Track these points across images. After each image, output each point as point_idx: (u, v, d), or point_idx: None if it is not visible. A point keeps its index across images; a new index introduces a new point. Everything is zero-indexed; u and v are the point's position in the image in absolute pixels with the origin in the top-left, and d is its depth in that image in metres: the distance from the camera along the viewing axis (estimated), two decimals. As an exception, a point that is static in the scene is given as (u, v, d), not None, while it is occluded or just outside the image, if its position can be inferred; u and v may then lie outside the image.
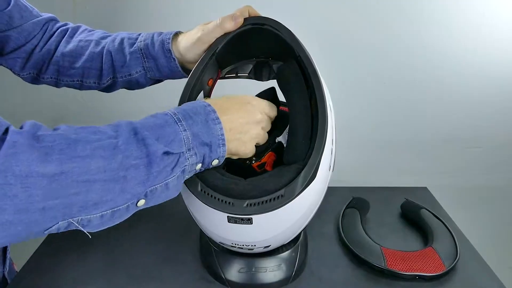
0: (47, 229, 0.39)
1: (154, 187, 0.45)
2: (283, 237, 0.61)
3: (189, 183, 0.54)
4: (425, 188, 1.00)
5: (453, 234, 0.77)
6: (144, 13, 1.06)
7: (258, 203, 0.51)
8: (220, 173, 0.55)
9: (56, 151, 0.38)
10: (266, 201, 0.51)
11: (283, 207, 0.51)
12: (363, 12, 1.05)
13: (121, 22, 1.07)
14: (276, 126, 0.61)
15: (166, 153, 0.45)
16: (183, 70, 0.69)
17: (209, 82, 0.65)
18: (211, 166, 0.52)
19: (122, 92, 0.77)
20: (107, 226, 0.44)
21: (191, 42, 0.64)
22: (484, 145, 1.19)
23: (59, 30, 0.73)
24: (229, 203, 0.52)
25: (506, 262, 1.29)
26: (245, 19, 0.62)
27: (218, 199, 0.53)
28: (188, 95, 0.59)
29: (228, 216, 0.53)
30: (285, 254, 0.66)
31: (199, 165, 0.50)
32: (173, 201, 0.56)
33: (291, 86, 0.59)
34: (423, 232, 0.81)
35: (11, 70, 0.73)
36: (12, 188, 0.36)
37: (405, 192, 0.94)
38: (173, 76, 0.70)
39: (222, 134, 0.50)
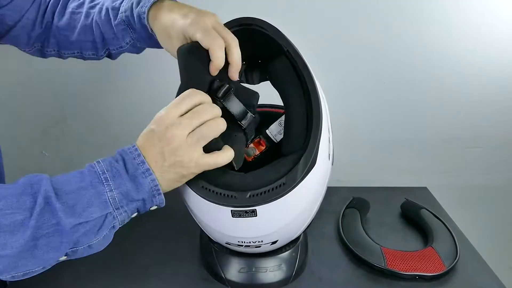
0: None
1: (74, 248, 0.46)
2: (289, 231, 0.60)
3: (190, 182, 0.54)
4: (425, 188, 1.00)
5: (453, 234, 0.77)
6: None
7: (261, 193, 0.51)
8: (220, 169, 0.54)
9: None
10: (268, 191, 0.51)
11: (285, 195, 0.51)
12: (362, 12, 1.05)
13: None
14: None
15: (79, 224, 0.45)
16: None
17: None
18: (149, 211, 0.52)
19: (122, 92, 0.77)
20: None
21: (166, 39, 0.60)
22: (484, 145, 1.19)
23: (52, 0, 0.71)
24: (231, 196, 0.52)
25: (506, 262, 1.29)
26: (232, 20, 0.61)
27: (221, 194, 0.53)
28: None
29: (232, 210, 0.52)
30: (285, 254, 0.66)
31: (135, 214, 0.50)
32: (173, 201, 0.56)
33: (283, 81, 0.60)
34: (423, 232, 0.82)
35: (18, 47, 0.72)
36: None
37: (405, 192, 0.94)
38: (160, 47, 0.66)
39: (155, 185, 0.48)
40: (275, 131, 0.64)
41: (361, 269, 0.71)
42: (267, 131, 0.64)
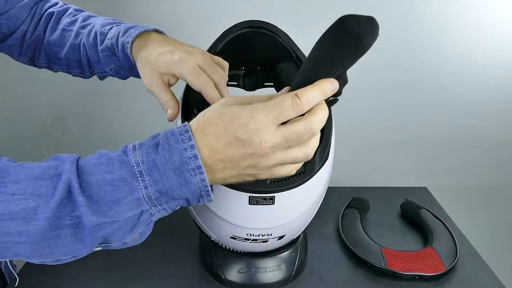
0: None
1: (106, 244, 0.42)
2: (299, 223, 0.61)
3: None
4: (425, 188, 1.00)
5: (453, 234, 0.77)
6: (143, 13, 1.06)
7: (281, 180, 0.51)
8: None
9: None
10: (289, 178, 0.52)
11: (303, 184, 0.52)
12: (362, 12, 1.05)
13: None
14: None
15: (104, 223, 0.39)
16: None
17: None
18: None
19: (122, 92, 0.77)
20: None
21: (146, 70, 0.57)
22: (484, 145, 1.19)
23: (46, 13, 0.71)
24: (251, 181, 0.52)
25: (506, 262, 1.29)
26: (242, 22, 0.62)
27: None
28: (191, 95, 0.59)
29: (250, 197, 0.52)
30: (285, 254, 0.66)
31: (178, 207, 0.43)
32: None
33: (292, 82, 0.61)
34: (423, 232, 0.82)
35: (10, 56, 0.72)
36: None
37: (405, 192, 0.94)
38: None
39: (205, 186, 0.40)
40: None
41: (361, 269, 0.71)
42: None
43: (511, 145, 1.19)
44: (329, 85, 0.40)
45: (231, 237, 0.60)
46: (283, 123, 0.39)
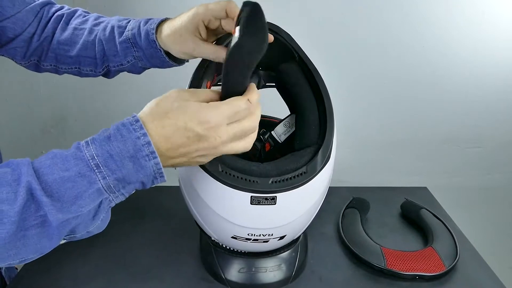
0: None
1: (72, 235, 0.44)
2: (299, 224, 0.61)
3: (208, 166, 0.52)
4: (425, 188, 1.00)
5: (453, 234, 0.77)
6: (143, 14, 1.06)
7: (283, 180, 0.52)
8: (237, 156, 0.55)
9: None
10: (291, 178, 0.52)
11: (305, 184, 0.53)
12: (363, 12, 1.05)
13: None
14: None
15: (67, 220, 0.41)
16: (171, 59, 0.67)
17: (207, 84, 0.65)
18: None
19: (122, 92, 0.77)
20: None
21: (180, 51, 0.62)
22: (484, 145, 1.19)
23: (55, 15, 0.71)
24: (253, 181, 0.52)
25: (506, 262, 1.29)
26: None
27: (242, 178, 0.52)
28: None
29: (251, 197, 0.52)
30: (285, 254, 0.66)
31: (134, 191, 0.46)
32: (173, 201, 0.56)
33: (295, 83, 0.63)
34: (423, 232, 0.81)
35: (13, 60, 0.72)
36: None
37: (405, 192, 0.94)
38: (163, 65, 0.68)
39: (159, 169, 0.44)
40: (280, 131, 0.66)
41: (361, 269, 0.71)
42: (272, 132, 0.66)
43: (511, 145, 1.19)
44: (255, 91, 0.48)
45: (232, 237, 0.60)
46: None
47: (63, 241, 0.45)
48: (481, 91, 1.13)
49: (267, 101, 0.71)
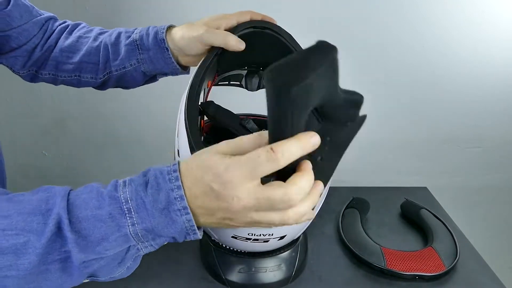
0: None
1: (93, 278, 0.42)
2: (300, 224, 0.60)
3: None
4: (425, 188, 1.00)
5: (453, 234, 0.77)
6: (144, 14, 1.06)
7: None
8: None
9: None
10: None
11: None
12: (362, 12, 1.05)
13: (120, 23, 1.07)
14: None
15: (94, 259, 0.39)
16: (177, 62, 0.68)
17: (208, 83, 0.65)
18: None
19: (122, 92, 0.77)
20: None
21: (191, 36, 0.62)
22: (484, 145, 1.19)
23: (58, 27, 0.73)
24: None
25: (506, 262, 1.29)
26: (246, 22, 0.62)
27: None
28: (196, 91, 0.59)
29: None
30: (285, 254, 0.66)
31: (166, 243, 0.43)
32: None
33: None
34: (423, 232, 0.82)
35: (11, 69, 0.73)
36: None
37: (405, 192, 0.94)
38: (166, 69, 0.69)
39: (191, 226, 0.40)
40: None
41: (361, 269, 0.71)
42: None
43: (511, 145, 1.19)
44: (308, 139, 0.37)
45: (232, 237, 0.60)
46: (266, 180, 0.38)
47: (86, 280, 0.43)
48: (481, 91, 1.13)
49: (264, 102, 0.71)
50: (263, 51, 0.65)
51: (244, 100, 0.78)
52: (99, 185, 0.42)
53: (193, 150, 0.53)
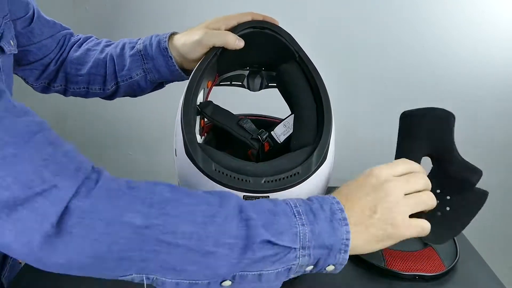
0: (120, 277, 0.39)
1: (244, 273, 0.41)
2: None
3: (203, 164, 0.53)
4: (425, 188, 1.00)
5: (453, 234, 0.77)
6: (143, 14, 1.06)
7: (276, 180, 0.51)
8: (231, 156, 0.55)
9: (146, 204, 0.38)
10: (284, 178, 0.52)
11: (299, 184, 0.52)
12: (362, 12, 1.05)
13: (120, 23, 1.07)
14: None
15: (269, 242, 0.41)
16: (181, 69, 0.69)
17: (208, 83, 0.65)
18: (324, 271, 0.48)
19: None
20: None
21: (191, 41, 0.64)
22: (484, 145, 1.19)
23: (71, 41, 0.76)
24: (246, 180, 0.51)
25: (506, 262, 1.29)
26: (246, 22, 0.62)
27: (235, 177, 0.52)
28: (192, 91, 0.59)
29: (244, 196, 0.52)
30: (285, 254, 0.66)
31: (310, 267, 0.45)
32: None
33: (294, 83, 0.62)
34: (423, 232, 0.81)
35: (25, 80, 0.75)
36: (95, 231, 0.36)
37: (405, 192, 0.94)
38: (172, 76, 0.70)
39: (347, 239, 0.44)
40: (279, 132, 0.66)
41: (361, 269, 0.71)
42: (272, 132, 0.66)
43: (510, 145, 1.19)
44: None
45: None
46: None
47: (227, 283, 0.43)
48: (481, 91, 1.13)
49: (269, 101, 0.72)
50: (262, 51, 0.65)
51: (248, 100, 0.78)
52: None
53: (187, 149, 0.54)
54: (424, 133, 0.62)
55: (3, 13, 0.60)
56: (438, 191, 0.63)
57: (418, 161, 0.56)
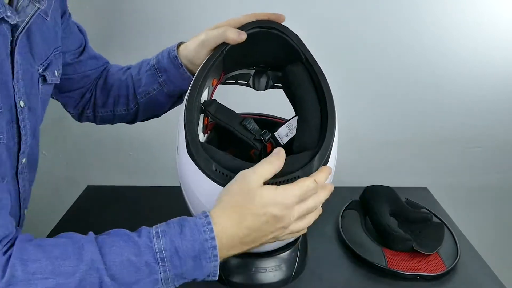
0: None
1: None
2: None
3: (203, 165, 0.53)
4: (425, 188, 1.00)
5: (453, 234, 0.77)
6: (143, 14, 1.06)
7: (275, 183, 0.51)
8: (232, 156, 0.54)
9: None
10: (283, 181, 0.51)
11: None
12: (362, 11, 1.05)
13: (120, 23, 1.07)
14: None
15: None
16: (193, 75, 0.69)
17: (213, 82, 0.66)
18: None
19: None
20: None
21: (195, 45, 0.64)
22: (484, 145, 1.19)
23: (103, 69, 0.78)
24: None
25: (506, 262, 1.29)
26: (253, 22, 0.62)
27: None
28: (197, 89, 0.59)
29: None
30: (285, 254, 0.66)
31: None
32: (173, 201, 0.55)
33: (299, 85, 0.62)
34: (423, 232, 0.81)
35: (64, 107, 0.78)
36: None
37: (405, 192, 0.94)
38: (185, 85, 0.68)
39: (215, 271, 0.48)
40: (282, 133, 0.65)
41: (362, 269, 0.71)
42: (275, 133, 0.65)
43: (511, 145, 1.19)
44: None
45: None
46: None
47: None
48: (481, 91, 1.13)
49: (274, 102, 0.71)
50: (269, 51, 0.65)
51: (253, 99, 0.78)
52: (133, 234, 0.47)
53: (189, 148, 0.53)
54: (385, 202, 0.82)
55: (55, 45, 0.62)
56: (410, 232, 0.75)
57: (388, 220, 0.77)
